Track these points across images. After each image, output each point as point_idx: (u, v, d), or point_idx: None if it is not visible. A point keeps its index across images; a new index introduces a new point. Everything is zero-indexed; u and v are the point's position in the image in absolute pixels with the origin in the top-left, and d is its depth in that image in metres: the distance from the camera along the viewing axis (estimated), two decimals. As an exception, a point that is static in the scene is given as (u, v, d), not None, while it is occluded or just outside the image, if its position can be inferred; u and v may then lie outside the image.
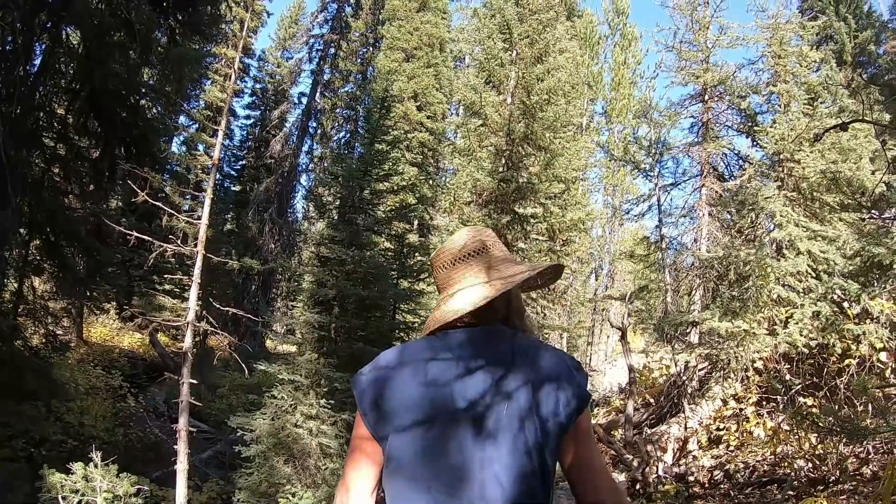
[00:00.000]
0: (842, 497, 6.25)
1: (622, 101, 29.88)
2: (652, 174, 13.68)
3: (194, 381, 8.20)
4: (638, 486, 8.95)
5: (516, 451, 1.55)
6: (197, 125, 21.98)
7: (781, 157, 11.02)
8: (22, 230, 10.54)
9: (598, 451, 1.70)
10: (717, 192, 12.69)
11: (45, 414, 10.78)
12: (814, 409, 7.33)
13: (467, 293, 1.71)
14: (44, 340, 11.59)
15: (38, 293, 11.94)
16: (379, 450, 1.63)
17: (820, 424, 5.21)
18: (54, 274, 11.55)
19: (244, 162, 26.31)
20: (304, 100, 28.35)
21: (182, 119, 22.94)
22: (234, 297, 19.68)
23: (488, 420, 1.57)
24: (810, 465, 7.41)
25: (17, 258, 10.82)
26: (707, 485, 8.48)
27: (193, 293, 7.93)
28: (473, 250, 1.79)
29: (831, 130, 8.28)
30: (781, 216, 9.57)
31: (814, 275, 9.30)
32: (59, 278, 11.60)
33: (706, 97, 13.25)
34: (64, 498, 6.95)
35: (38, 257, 11.16)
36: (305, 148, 28.61)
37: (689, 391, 10.63)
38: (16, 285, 10.93)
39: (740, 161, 13.34)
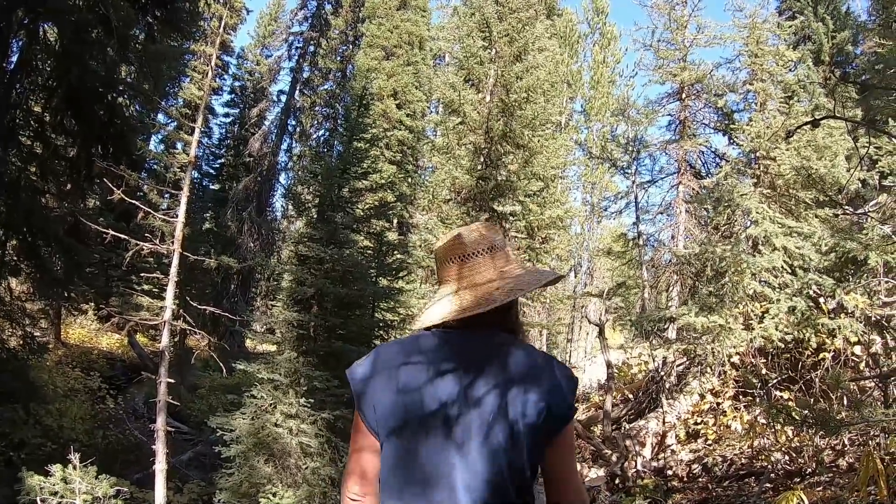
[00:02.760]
0: (818, 489, 6.34)
1: (601, 99, 30.03)
2: (629, 172, 13.79)
3: (172, 381, 8.17)
4: (617, 481, 9.03)
5: (484, 456, 1.56)
6: (175, 123, 21.82)
7: (757, 154, 11.16)
8: (-1, 230, 10.44)
9: (574, 457, 1.70)
10: (693, 189, 12.82)
11: (23, 417, 10.68)
12: (790, 403, 7.43)
13: (465, 296, 1.70)
14: (21, 342, 11.43)
15: (16, 294, 11.80)
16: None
17: (795, 417, 5.29)
18: (31, 275, 11.41)
19: (223, 160, 26.13)
20: (284, 98, 28.25)
21: (160, 117, 22.78)
22: (213, 296, 19.54)
23: (457, 426, 1.58)
24: (787, 457, 7.52)
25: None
26: (685, 478, 8.57)
27: (170, 291, 7.88)
28: (479, 250, 1.76)
29: (804, 127, 8.40)
30: (757, 213, 9.67)
31: (789, 270, 9.41)
32: (37, 279, 11.47)
33: (683, 95, 13.36)
34: (43, 500, 6.90)
35: (15, 258, 11.02)
36: (284, 146, 28.53)
37: (668, 386, 10.73)
38: (-8, 286, 10.80)
39: (717, 159, 13.48)
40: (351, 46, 28.99)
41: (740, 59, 12.66)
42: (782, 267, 9.33)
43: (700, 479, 8.40)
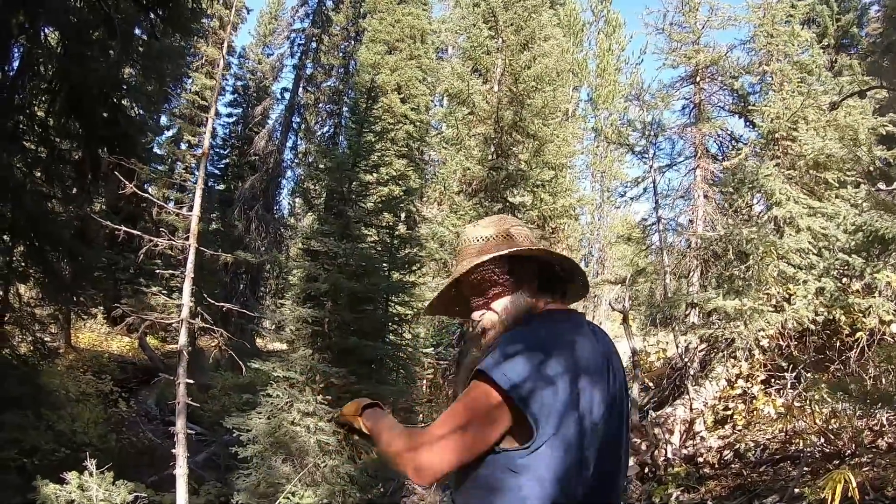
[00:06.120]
0: (864, 469, 6.16)
1: (608, 87, 29.83)
2: (647, 156, 13.64)
3: (191, 381, 7.98)
4: (647, 470, 8.85)
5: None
6: (178, 127, 21.83)
7: (777, 135, 10.95)
8: (5, 237, 10.31)
9: None
10: (711, 172, 12.68)
11: (34, 422, 10.55)
12: (823, 386, 7.26)
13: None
14: (31, 348, 11.33)
15: (24, 300, 11.69)
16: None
17: (845, 393, 5.13)
18: (39, 280, 11.29)
19: (228, 160, 26.16)
20: (287, 95, 28.18)
21: (164, 119, 22.74)
22: (224, 296, 19.44)
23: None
24: (824, 440, 7.33)
25: (1, 265, 10.59)
26: (717, 465, 8.40)
27: (187, 288, 7.66)
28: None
29: (850, 97, 8.25)
30: (781, 193, 9.50)
31: (815, 251, 9.25)
32: (45, 284, 11.35)
33: (698, 78, 13.24)
34: (61, 509, 6.74)
35: (23, 263, 10.90)
36: (289, 144, 28.49)
37: (692, 373, 10.56)
38: (1, 293, 10.68)
39: (733, 142, 13.33)
40: (353, 42, 28.88)
41: (755, 40, 12.47)
42: (808, 248, 9.17)
43: (733, 465, 8.23)
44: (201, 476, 11.44)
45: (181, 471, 7.80)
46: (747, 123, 12.69)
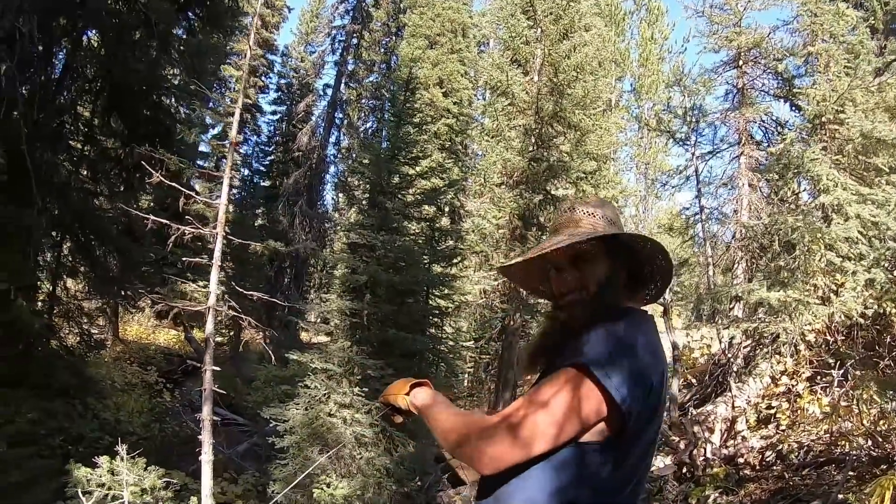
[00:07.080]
0: (914, 475, 5.83)
1: (651, 77, 29.25)
2: (688, 143, 13.28)
3: (217, 369, 8.04)
4: (685, 470, 8.59)
5: None
6: (222, 123, 22.11)
7: (823, 119, 10.51)
8: (53, 233, 10.59)
9: None
10: (756, 159, 12.27)
11: (81, 412, 10.82)
12: (880, 380, 6.93)
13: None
14: (79, 340, 11.63)
15: (72, 293, 11.99)
16: None
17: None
18: (87, 274, 11.58)
19: (272, 157, 26.55)
20: (329, 91, 28.35)
21: (207, 119, 23.10)
22: (267, 290, 19.68)
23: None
24: (871, 442, 6.97)
25: (49, 260, 10.88)
26: (758, 466, 8.08)
27: (214, 276, 7.71)
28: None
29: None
30: (828, 180, 9.09)
31: (864, 240, 8.84)
32: (92, 278, 11.63)
33: (740, 62, 12.82)
34: (90, 492, 6.82)
35: (71, 259, 11.20)
36: (332, 139, 28.69)
37: (735, 369, 10.24)
38: (49, 287, 10.96)
39: (778, 127, 12.86)
40: (394, 37, 28.95)
41: (799, 20, 12.02)
42: (857, 237, 8.76)
43: (774, 468, 7.90)
44: (241, 466, 11.59)
45: (206, 457, 7.87)
46: (793, 107, 12.25)
